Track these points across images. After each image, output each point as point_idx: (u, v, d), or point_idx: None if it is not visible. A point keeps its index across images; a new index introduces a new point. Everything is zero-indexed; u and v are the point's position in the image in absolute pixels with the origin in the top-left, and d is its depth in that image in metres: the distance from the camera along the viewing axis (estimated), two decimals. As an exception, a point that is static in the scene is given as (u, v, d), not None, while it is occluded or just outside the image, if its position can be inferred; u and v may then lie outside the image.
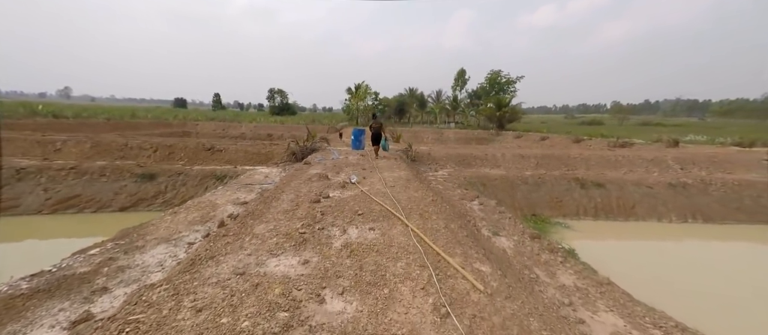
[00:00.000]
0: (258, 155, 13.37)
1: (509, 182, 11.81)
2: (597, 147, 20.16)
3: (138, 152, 12.58)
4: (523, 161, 13.48)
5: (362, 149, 13.68)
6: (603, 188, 11.05)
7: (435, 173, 12.23)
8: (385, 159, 11.05)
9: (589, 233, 9.54)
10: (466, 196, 8.92)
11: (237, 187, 8.87)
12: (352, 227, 4.23)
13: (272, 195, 5.79)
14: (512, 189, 11.58)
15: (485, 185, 11.68)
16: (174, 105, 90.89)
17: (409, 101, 51.87)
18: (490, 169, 13.12)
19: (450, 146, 16.16)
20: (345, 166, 9.33)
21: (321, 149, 13.45)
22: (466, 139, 32.21)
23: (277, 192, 6.07)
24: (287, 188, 6.42)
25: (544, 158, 13.49)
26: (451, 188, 9.96)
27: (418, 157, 13.60)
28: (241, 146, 13.76)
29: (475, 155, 14.00)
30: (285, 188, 6.42)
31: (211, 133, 30.75)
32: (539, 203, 11.07)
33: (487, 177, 12.03)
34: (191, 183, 11.25)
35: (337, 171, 8.43)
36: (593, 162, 13.04)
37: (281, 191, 6.08)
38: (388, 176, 7.85)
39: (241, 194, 8.09)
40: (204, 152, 13.02)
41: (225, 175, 11.62)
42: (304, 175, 7.76)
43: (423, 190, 6.35)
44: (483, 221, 6.69)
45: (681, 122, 55.05)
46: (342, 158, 11.20)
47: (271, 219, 4.45)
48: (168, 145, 13.05)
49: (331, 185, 6.83)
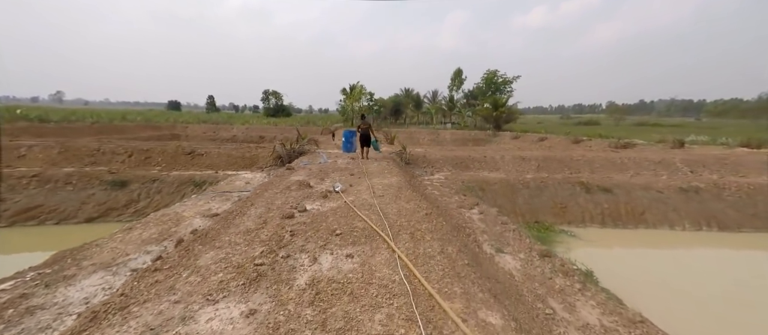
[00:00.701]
0: (242, 160, 12.49)
1: (510, 186, 11.02)
2: (598, 148, 19.47)
3: (111, 157, 11.64)
4: (523, 164, 12.71)
5: (353, 151, 12.83)
6: (610, 193, 10.30)
7: (430, 177, 11.42)
8: (376, 162, 10.22)
9: (597, 242, 8.76)
10: (465, 203, 8.10)
11: (212, 196, 8.00)
12: (325, 254, 3.39)
13: (238, 209, 4.93)
14: (513, 194, 10.79)
15: (484, 190, 10.88)
16: (168, 108, 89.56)
17: (405, 102, 51.14)
18: (489, 172, 12.32)
19: (447, 148, 15.37)
20: (332, 171, 8.48)
21: (309, 152, 12.59)
22: (463, 140, 31.47)
23: (245, 205, 5.21)
24: (259, 199, 5.56)
25: (546, 161, 12.73)
26: (447, 193, 9.15)
27: (413, 159, 12.79)
28: (224, 150, 12.87)
29: (473, 157, 13.21)
30: (256, 199, 5.56)
31: (201, 135, 29.74)
32: (542, 209, 10.29)
33: (486, 181, 11.24)
34: (167, 191, 10.35)
35: (321, 178, 7.57)
36: (597, 165, 12.30)
37: (250, 204, 5.22)
38: (378, 183, 7.01)
39: (214, 203, 7.22)
40: (183, 157, 12.12)
41: (204, 181, 10.74)
42: (283, 183, 6.90)
43: (416, 200, 5.52)
44: (484, 234, 5.87)
45: (677, 122, 54.81)
46: (330, 162, 10.35)
47: (225, 243, 3.60)
48: (144, 149, 12.13)
49: (312, 194, 5.98)
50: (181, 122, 37.63)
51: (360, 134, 10.75)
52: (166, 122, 36.59)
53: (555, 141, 23.95)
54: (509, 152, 14.07)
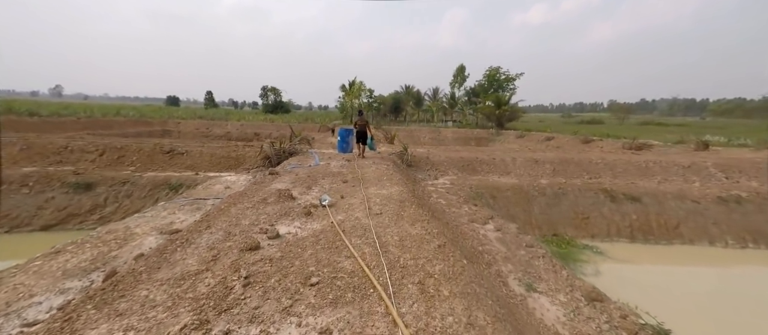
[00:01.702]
0: (227, 160, 11.23)
1: (524, 193, 9.78)
2: (610, 149, 18.20)
3: (80, 155, 10.38)
4: (536, 167, 11.45)
5: (350, 151, 11.57)
6: (638, 202, 9.06)
7: (435, 182, 10.17)
8: (374, 164, 8.96)
9: (628, 260, 7.53)
10: (476, 216, 6.85)
11: (182, 204, 6.75)
12: (288, 326, 2.14)
13: (186, 236, 3.67)
14: (528, 202, 9.55)
15: (495, 198, 9.64)
16: (167, 103, 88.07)
17: (405, 99, 49.77)
18: (499, 176, 11.07)
19: (451, 149, 14.11)
20: (322, 177, 7.22)
21: (301, 152, 11.33)
22: (465, 139, 30.20)
23: (200, 227, 3.95)
24: (222, 217, 4.30)
25: (561, 164, 11.48)
26: (455, 203, 7.91)
27: (415, 161, 11.53)
28: (207, 149, 11.60)
29: (480, 159, 11.95)
30: (218, 217, 4.30)
31: (194, 132, 28.46)
32: (561, 220, 9.05)
33: (496, 187, 10.00)
34: (138, 194, 9.10)
35: (308, 186, 6.31)
36: (619, 169, 11.04)
37: (206, 226, 3.96)
38: (376, 193, 5.75)
39: (180, 215, 5.97)
40: (161, 156, 10.86)
41: (181, 184, 9.49)
42: (261, 192, 5.64)
43: (423, 222, 4.27)
44: (508, 262, 4.63)
45: (682, 121, 53.51)
46: (322, 164, 9.09)
47: (136, 303, 2.35)
48: (118, 147, 10.85)
49: (292, 209, 4.73)
50: (175, 117, 36.31)
51: (357, 130, 10.02)
52: (160, 117, 35.20)
53: (563, 141, 22.67)
54: (520, 154, 12.81)
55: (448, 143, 29.30)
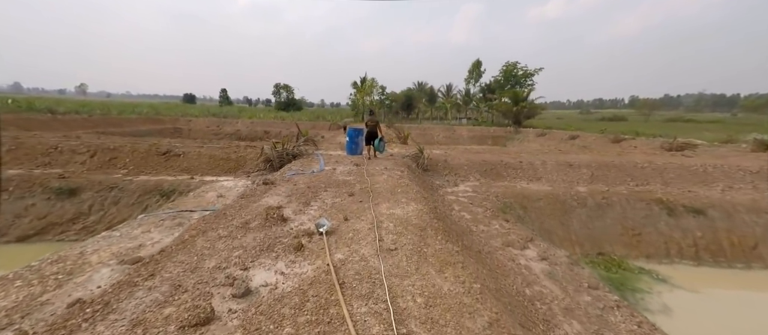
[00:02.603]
0: (226, 162, 10.22)
1: (559, 203, 8.35)
2: (646, 149, 16.36)
3: (70, 156, 9.57)
4: (571, 172, 9.95)
5: (359, 154, 10.38)
6: (702, 215, 7.50)
7: (454, 189, 8.87)
8: (387, 170, 7.73)
9: (697, 289, 6.05)
10: (511, 237, 5.53)
11: (162, 218, 5.71)
12: None
13: (106, 298, 2.54)
14: (565, 214, 8.12)
15: (526, 209, 8.26)
16: (183, 101, 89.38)
17: (418, 96, 48.18)
18: (528, 182, 9.65)
19: (472, 150, 12.71)
20: (325, 187, 6.03)
21: (305, 154, 10.20)
22: (482, 137, 28.56)
23: (140, 274, 2.80)
24: (180, 254, 3.16)
25: (600, 168, 9.94)
26: (482, 217, 6.59)
27: (432, 165, 10.22)
28: (206, 150, 10.62)
29: (505, 162, 10.53)
30: (175, 255, 3.16)
31: (204, 130, 27.90)
32: (607, 237, 7.60)
33: (526, 196, 8.60)
34: (126, 201, 8.17)
35: (305, 201, 5.13)
36: (671, 174, 9.42)
37: (149, 274, 2.81)
38: (389, 213, 4.52)
39: (156, 233, 4.92)
40: (156, 158, 9.96)
41: (173, 190, 8.52)
42: (246, 211, 4.50)
43: (457, 265, 3.01)
44: (571, 318, 3.31)
45: (712, 117, 49.88)
46: (328, 170, 7.91)
47: None
48: (111, 148, 10.00)
49: (279, 240, 3.55)
50: (188, 114, 36.03)
51: (367, 131, 9.24)
52: (172, 115, 34.93)
53: (590, 140, 20.80)
54: (551, 156, 11.30)
55: (464, 141, 27.75)
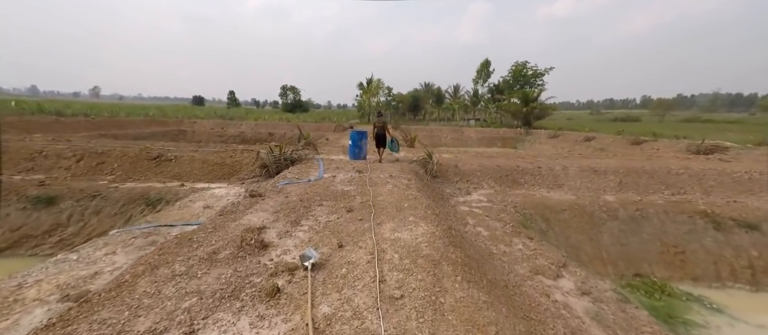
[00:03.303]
0: (220, 167, 9.49)
1: (586, 215, 7.37)
2: (670, 151, 15.18)
3: (55, 161, 8.95)
4: (596, 179, 8.94)
5: (362, 158, 9.54)
6: (756, 230, 6.45)
7: (467, 198, 7.96)
8: (392, 179, 6.86)
9: (764, 322, 5.05)
10: (540, 262, 4.61)
11: (134, 235, 4.97)
12: None
13: None
14: (593, 228, 7.14)
15: (549, 221, 7.30)
16: (192, 103, 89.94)
17: (425, 97, 47.21)
18: (548, 190, 8.68)
19: (484, 154, 11.72)
20: (320, 201, 5.19)
21: (305, 159, 9.40)
22: (491, 139, 27.50)
23: None
24: (104, 310, 2.33)
25: (629, 174, 8.90)
26: (501, 234, 5.68)
27: (442, 171, 9.32)
28: (200, 154, 9.91)
29: (522, 167, 9.56)
30: (101, 305, 2.33)
31: (209, 132, 27.44)
32: (644, 255, 6.59)
33: (548, 206, 7.64)
34: (109, 211, 7.47)
35: (295, 219, 4.29)
36: (711, 181, 8.34)
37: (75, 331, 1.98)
38: (395, 238, 3.64)
39: (120, 256, 4.16)
40: (147, 163, 9.28)
41: (161, 198, 7.79)
42: (219, 234, 3.68)
43: (490, 327, 2.11)
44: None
45: (732, 118, 47.75)
46: (327, 177, 7.08)
47: None
48: (99, 152, 9.34)
49: (249, 280, 2.71)
50: (195, 116, 35.73)
51: (376, 133, 9.01)
52: (179, 116, 34.64)
53: (607, 142, 19.63)
54: (572, 161, 10.29)
55: (472, 143, 26.74)
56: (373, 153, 10.53)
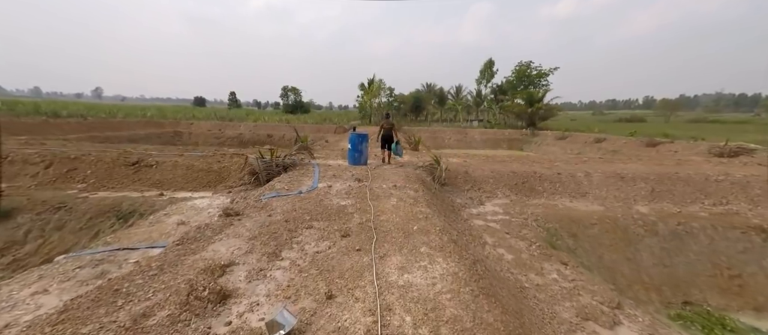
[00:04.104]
0: (206, 174, 8.53)
1: (619, 229, 6.36)
2: (689, 153, 14.15)
3: (21, 167, 8.02)
4: (624, 186, 7.93)
5: (362, 164, 8.57)
6: (827, 252, 5.43)
7: (481, 210, 6.97)
8: (397, 190, 5.88)
9: None
10: (587, 301, 3.60)
11: (82, 263, 4.02)
12: None
13: None
14: (629, 245, 6.13)
15: (576, 237, 6.29)
16: (194, 104, 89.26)
17: (427, 97, 46.20)
18: (570, 200, 7.67)
19: (497, 160, 10.66)
20: (309, 221, 4.20)
21: (299, 165, 8.42)
22: (496, 140, 26.48)
23: None
24: None
25: (661, 181, 7.88)
26: (528, 258, 4.69)
27: (450, 177, 8.33)
28: (185, 159, 8.95)
29: (539, 174, 8.55)
30: None
31: (206, 133, 26.51)
32: (693, 279, 5.57)
33: (573, 219, 6.64)
34: (73, 225, 6.50)
35: (275, 250, 3.30)
36: (757, 190, 7.31)
37: None
38: (404, 284, 2.65)
39: (52, 295, 3.24)
40: (124, 169, 8.35)
41: (134, 210, 6.82)
42: (160, 282, 2.69)
43: None
44: None
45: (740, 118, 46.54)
46: (322, 187, 6.10)
47: None
48: (71, 157, 8.41)
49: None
50: (195, 118, 34.84)
51: (383, 134, 8.80)
52: (177, 118, 33.75)
53: (619, 144, 18.58)
54: (595, 166, 9.28)
55: (477, 145, 25.74)
56: (374, 158, 9.58)
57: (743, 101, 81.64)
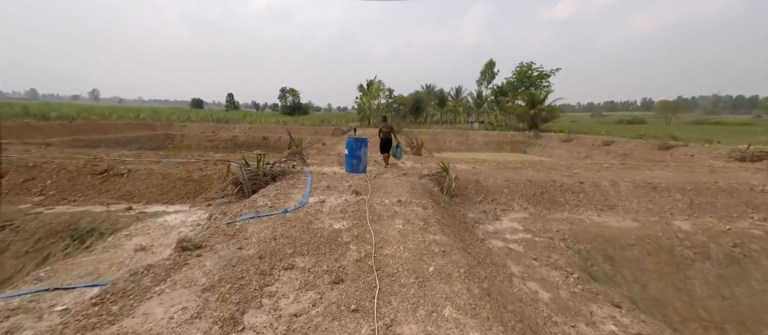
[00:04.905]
0: (185, 184, 7.50)
1: (664, 252, 5.37)
2: (706, 156, 13.21)
3: (-29, 179, 7.00)
4: (657, 198, 6.95)
5: (361, 171, 7.56)
6: None
7: (497, 226, 5.97)
8: (402, 207, 4.87)
9: None
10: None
11: None
12: None
13: None
14: (676, 270, 5.14)
15: (612, 260, 5.29)
16: (191, 105, 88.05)
17: (426, 99, 45.28)
18: (598, 213, 6.68)
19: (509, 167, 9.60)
20: (290, 256, 3.18)
21: (288, 173, 7.38)
22: (498, 143, 25.52)
23: None
24: None
25: (700, 192, 6.91)
26: (568, 295, 3.68)
27: (460, 187, 7.32)
28: (161, 167, 7.92)
29: (558, 182, 7.56)
30: None
31: (199, 136, 25.41)
32: (760, 315, 4.60)
33: (607, 237, 5.65)
34: (18, 248, 5.45)
35: (236, 312, 2.27)
36: (812, 203, 6.36)
37: None
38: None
39: None
40: (91, 178, 7.32)
41: (94, 228, 5.78)
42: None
43: None
44: None
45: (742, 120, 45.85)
46: (312, 203, 5.08)
47: None
48: (29, 166, 7.37)
49: None
50: (190, 119, 33.74)
51: (381, 138, 8.28)
52: (171, 120, 32.63)
53: (628, 146, 17.63)
54: (621, 174, 8.29)
55: (479, 147, 24.77)
56: (374, 165, 8.60)
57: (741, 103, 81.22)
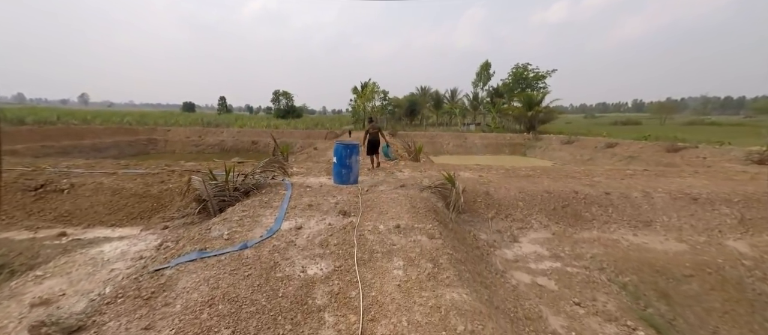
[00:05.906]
0: (140, 200, 6.22)
1: (731, 285, 4.25)
2: (720, 159, 12.30)
3: None
4: (700, 211, 5.87)
5: (353, 183, 6.36)
6: None
7: (517, 252, 4.82)
8: (401, 236, 3.68)
9: None
10: None
11: None
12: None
13: None
14: (751, 310, 4.02)
15: (669, 297, 4.13)
16: (183, 109, 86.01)
17: (422, 101, 44.28)
18: (633, 232, 5.56)
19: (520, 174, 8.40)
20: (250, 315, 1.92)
21: (265, 186, 6.13)
22: (497, 145, 24.54)
23: None
24: None
25: (750, 205, 5.85)
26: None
27: (468, 201, 6.14)
28: (113, 181, 6.61)
29: (580, 193, 6.44)
30: None
31: (184, 141, 23.94)
32: None
33: (656, 266, 4.51)
34: None
35: None
36: None
37: None
38: None
39: None
40: (21, 196, 6.01)
41: (3, 265, 4.46)
42: None
43: None
44: None
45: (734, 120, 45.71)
46: (284, 232, 3.85)
47: None
48: (-52, 182, 6.06)
49: None
50: (174, 123, 32.13)
51: (368, 140, 7.91)
52: (157, 123, 31.02)
53: (634, 148, 16.70)
54: (651, 183, 7.21)
55: (477, 150, 23.76)
56: (368, 174, 7.43)
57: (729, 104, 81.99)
